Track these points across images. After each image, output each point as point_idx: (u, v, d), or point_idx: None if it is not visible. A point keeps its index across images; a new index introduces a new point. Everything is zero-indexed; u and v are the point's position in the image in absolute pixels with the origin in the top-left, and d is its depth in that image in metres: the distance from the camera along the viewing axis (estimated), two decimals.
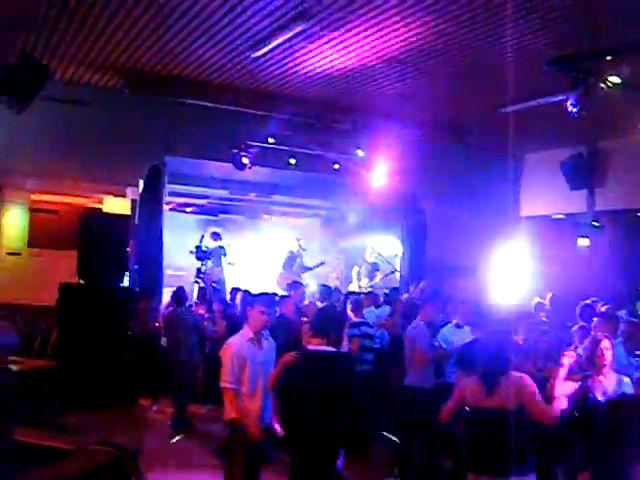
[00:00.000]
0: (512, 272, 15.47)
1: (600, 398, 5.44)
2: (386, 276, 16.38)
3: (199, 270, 12.73)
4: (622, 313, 9.71)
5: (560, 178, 15.26)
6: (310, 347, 5.62)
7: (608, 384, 5.60)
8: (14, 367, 8.05)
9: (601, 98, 9.59)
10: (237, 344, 6.14)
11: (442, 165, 15.61)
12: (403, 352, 8.42)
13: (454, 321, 8.71)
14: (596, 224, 14.85)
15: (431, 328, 8.46)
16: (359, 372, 7.46)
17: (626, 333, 7.48)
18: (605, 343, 5.73)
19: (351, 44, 9.71)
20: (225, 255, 15.57)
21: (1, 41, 9.21)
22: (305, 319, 8.99)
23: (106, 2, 8.54)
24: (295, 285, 11.09)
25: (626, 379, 5.75)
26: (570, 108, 9.93)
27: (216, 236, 15.62)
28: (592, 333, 6.74)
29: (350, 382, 5.52)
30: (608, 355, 5.69)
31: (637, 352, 7.05)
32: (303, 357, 5.65)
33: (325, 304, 9.49)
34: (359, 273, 16.41)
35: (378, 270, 16.37)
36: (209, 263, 15.05)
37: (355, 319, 9.27)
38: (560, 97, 10.28)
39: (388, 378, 9.44)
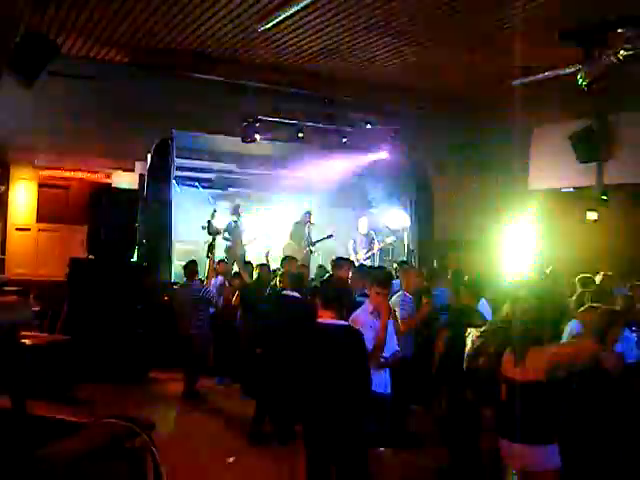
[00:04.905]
0: (519, 245, 15.50)
1: None
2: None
3: (211, 245, 12.74)
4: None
5: (569, 151, 15.19)
6: (321, 321, 5.59)
7: None
8: (27, 341, 8.13)
9: (611, 71, 9.52)
10: (362, 316, 6.48)
11: (451, 138, 15.55)
12: None
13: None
14: (604, 197, 14.81)
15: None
16: None
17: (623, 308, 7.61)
18: None
19: (359, 17, 9.64)
20: (243, 231, 15.47)
21: (8, 16, 9.15)
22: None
23: None
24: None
25: None
26: (580, 81, 9.86)
27: (236, 209, 15.49)
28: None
29: (360, 356, 5.52)
30: None
31: (633, 328, 7.07)
32: (312, 331, 5.66)
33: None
34: (355, 245, 16.41)
35: (373, 242, 16.37)
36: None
37: None
38: (570, 69, 10.21)
39: None
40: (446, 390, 7.06)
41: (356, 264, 11.68)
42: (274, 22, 9.76)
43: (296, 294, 8.52)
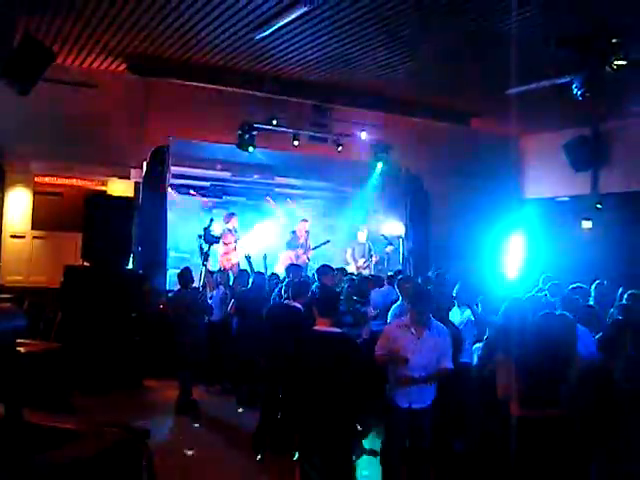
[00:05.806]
0: (515, 253, 15.53)
1: None
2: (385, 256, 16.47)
3: (207, 253, 12.72)
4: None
5: (564, 160, 15.24)
6: (317, 328, 5.62)
7: None
8: (22, 349, 8.09)
9: (606, 80, 9.56)
10: (397, 326, 6.58)
11: (446, 146, 15.57)
12: None
13: None
14: (599, 206, 14.84)
15: None
16: None
17: None
18: None
19: (355, 26, 9.66)
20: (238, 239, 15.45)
21: (4, 23, 9.16)
22: None
23: None
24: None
25: None
26: (575, 90, 9.90)
27: (230, 217, 15.47)
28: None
29: (355, 362, 5.54)
30: None
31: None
32: (310, 339, 5.68)
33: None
34: (353, 254, 16.44)
35: (372, 250, 16.39)
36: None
37: None
38: (565, 79, 10.24)
39: None
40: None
41: (355, 273, 11.67)
42: (270, 31, 9.78)
43: (298, 305, 8.25)
